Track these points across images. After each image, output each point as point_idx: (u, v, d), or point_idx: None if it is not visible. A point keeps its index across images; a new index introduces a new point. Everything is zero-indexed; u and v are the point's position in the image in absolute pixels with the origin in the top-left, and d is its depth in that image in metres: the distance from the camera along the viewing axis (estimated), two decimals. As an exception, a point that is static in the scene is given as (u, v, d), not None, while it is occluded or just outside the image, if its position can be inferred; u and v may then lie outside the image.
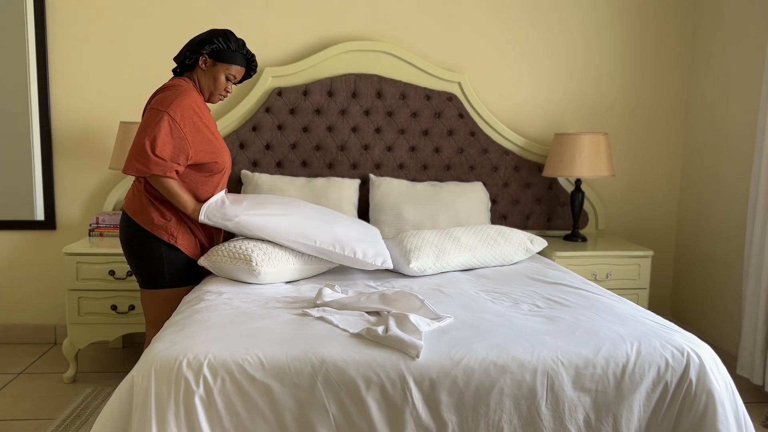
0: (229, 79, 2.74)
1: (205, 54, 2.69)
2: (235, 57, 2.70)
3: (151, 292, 2.73)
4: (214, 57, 2.69)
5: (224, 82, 2.73)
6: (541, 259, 3.19)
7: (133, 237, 2.70)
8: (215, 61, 2.70)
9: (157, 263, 2.67)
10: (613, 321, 2.20)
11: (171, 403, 1.84)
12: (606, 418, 1.95)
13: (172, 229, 2.67)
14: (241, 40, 2.74)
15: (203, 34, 2.71)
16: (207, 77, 2.72)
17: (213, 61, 2.70)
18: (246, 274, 2.59)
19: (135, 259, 2.72)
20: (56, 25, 3.70)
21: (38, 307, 3.89)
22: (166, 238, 2.66)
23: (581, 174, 3.57)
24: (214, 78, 2.72)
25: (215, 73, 2.71)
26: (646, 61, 3.98)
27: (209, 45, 2.67)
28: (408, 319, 2.09)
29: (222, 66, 2.70)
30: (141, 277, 2.74)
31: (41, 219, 3.81)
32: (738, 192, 3.56)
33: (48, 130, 3.75)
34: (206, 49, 2.67)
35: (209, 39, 2.67)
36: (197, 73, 2.73)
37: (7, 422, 2.91)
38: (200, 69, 2.72)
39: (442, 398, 1.89)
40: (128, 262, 2.78)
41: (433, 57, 3.86)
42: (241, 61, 2.72)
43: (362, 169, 3.77)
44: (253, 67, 2.81)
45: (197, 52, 2.68)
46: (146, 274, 2.71)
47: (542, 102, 3.96)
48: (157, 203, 2.67)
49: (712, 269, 3.79)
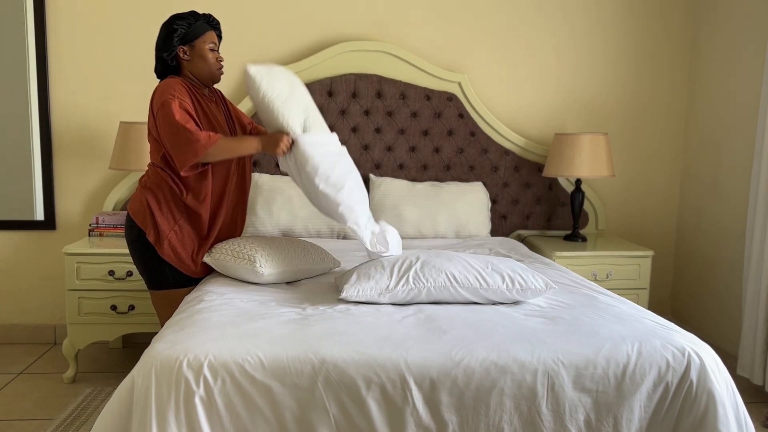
0: (213, 49, 2.67)
1: (179, 44, 2.63)
2: (201, 27, 2.64)
3: (158, 292, 2.74)
4: (187, 40, 2.63)
5: (212, 54, 2.66)
6: (541, 259, 3.19)
7: (137, 238, 2.70)
8: (191, 42, 2.64)
9: (160, 264, 2.68)
10: (614, 321, 2.20)
11: (171, 403, 1.84)
12: (606, 419, 1.95)
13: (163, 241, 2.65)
14: (191, 11, 2.67)
15: (161, 32, 2.65)
16: (196, 62, 2.66)
17: (190, 45, 2.64)
18: (249, 273, 2.60)
19: (139, 259, 2.73)
20: (56, 25, 3.70)
21: (38, 307, 3.89)
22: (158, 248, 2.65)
23: (581, 174, 3.57)
24: (203, 57, 2.65)
25: (200, 52, 2.64)
26: (646, 61, 3.98)
27: (174, 34, 2.61)
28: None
29: (199, 41, 2.64)
30: (147, 277, 2.75)
31: (41, 219, 3.81)
32: (738, 192, 3.56)
33: (48, 130, 3.75)
34: (176, 40, 2.62)
35: (169, 31, 2.62)
36: (186, 67, 2.67)
37: (7, 422, 2.91)
38: (186, 61, 2.66)
39: (443, 398, 1.89)
40: (134, 263, 2.79)
41: (433, 57, 3.86)
42: (206, 27, 2.66)
43: (362, 169, 3.76)
44: (217, 26, 2.72)
45: (170, 47, 2.63)
46: (151, 274, 2.72)
47: (542, 102, 3.96)
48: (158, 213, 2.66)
49: (712, 269, 3.79)
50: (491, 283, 2.37)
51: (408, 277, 2.36)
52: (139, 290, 3.30)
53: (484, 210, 3.69)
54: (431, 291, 2.35)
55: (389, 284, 2.36)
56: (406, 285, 2.35)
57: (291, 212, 3.49)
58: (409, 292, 2.35)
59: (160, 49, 2.66)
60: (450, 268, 2.38)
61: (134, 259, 2.77)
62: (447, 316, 2.23)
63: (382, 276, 2.38)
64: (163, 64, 2.68)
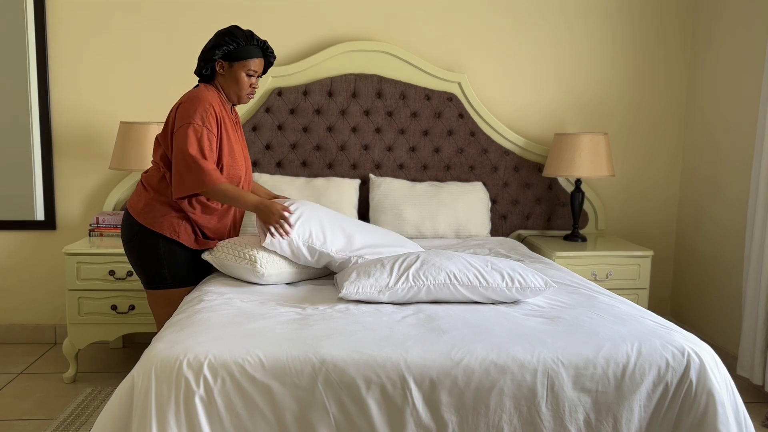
0: (250, 75, 2.67)
1: (219, 59, 2.64)
2: (248, 51, 2.63)
3: (154, 292, 2.74)
4: (229, 58, 2.64)
5: (246, 79, 2.67)
6: (541, 259, 3.19)
7: (134, 237, 2.70)
8: (231, 62, 2.64)
9: (157, 264, 2.68)
10: (614, 321, 2.20)
11: (171, 403, 1.84)
12: (606, 419, 1.95)
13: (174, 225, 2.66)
14: (248, 31, 2.66)
15: (211, 40, 2.67)
16: (228, 81, 2.67)
17: (229, 63, 2.65)
18: (249, 273, 2.60)
19: (136, 259, 2.73)
20: (56, 25, 3.70)
21: (38, 307, 3.89)
22: (169, 233, 2.65)
23: (581, 174, 3.57)
24: (236, 79, 2.66)
25: (235, 74, 2.66)
26: (646, 61, 3.98)
27: (219, 49, 2.62)
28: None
29: (239, 64, 2.64)
30: (144, 277, 2.75)
31: (41, 219, 3.81)
32: (738, 192, 3.56)
33: (48, 130, 3.75)
34: (218, 54, 2.62)
35: (217, 43, 2.63)
36: (219, 80, 2.69)
37: (7, 422, 2.91)
38: (220, 75, 2.68)
39: (443, 398, 1.89)
40: (130, 262, 2.79)
41: (433, 57, 3.86)
42: (256, 53, 2.65)
43: (362, 169, 3.77)
44: (270, 53, 2.72)
45: (210, 59, 2.64)
46: (148, 274, 2.72)
47: (542, 102, 3.96)
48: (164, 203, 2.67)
49: (711, 269, 3.79)
50: (491, 282, 2.37)
51: (408, 275, 2.36)
52: (139, 290, 3.30)
53: (484, 210, 3.69)
54: (431, 289, 2.36)
55: (389, 282, 2.36)
56: (406, 283, 2.35)
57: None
58: (409, 290, 2.35)
59: (202, 57, 2.67)
60: (450, 267, 2.39)
61: (130, 258, 2.76)
62: (447, 316, 2.23)
63: (382, 274, 2.39)
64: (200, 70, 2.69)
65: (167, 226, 2.66)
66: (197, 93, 2.63)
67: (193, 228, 2.72)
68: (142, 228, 2.68)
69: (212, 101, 2.62)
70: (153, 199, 2.68)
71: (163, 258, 2.68)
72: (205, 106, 2.57)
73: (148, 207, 2.68)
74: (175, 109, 2.64)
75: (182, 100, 2.64)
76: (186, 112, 2.56)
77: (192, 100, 2.60)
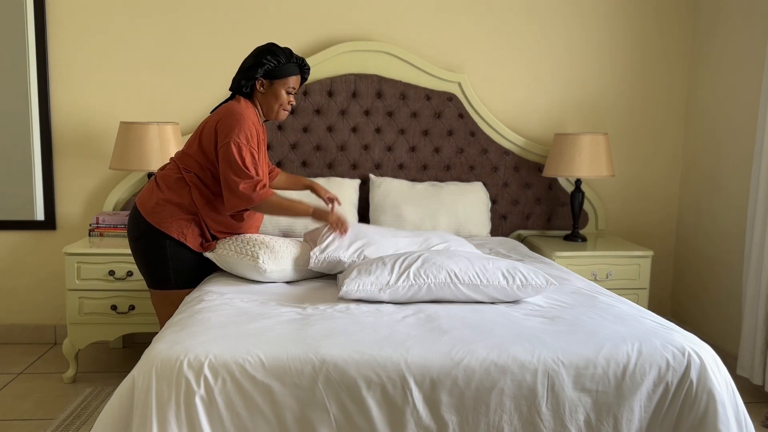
0: (289, 92, 2.71)
1: (259, 77, 2.67)
2: (288, 69, 2.67)
3: (158, 292, 2.74)
4: (269, 77, 2.66)
5: (286, 96, 2.71)
6: (541, 259, 3.19)
7: (141, 235, 2.70)
8: (271, 80, 2.67)
9: (163, 264, 2.68)
10: (614, 321, 2.20)
11: (172, 403, 1.84)
12: (606, 419, 1.95)
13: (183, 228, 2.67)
14: (287, 49, 2.70)
15: (250, 58, 2.67)
16: (268, 98, 2.70)
17: (269, 81, 2.67)
18: (251, 270, 2.60)
19: (142, 258, 2.73)
20: (56, 25, 3.70)
21: (38, 307, 3.88)
22: (176, 235, 2.66)
23: (581, 174, 3.57)
24: (275, 96, 2.69)
25: (275, 92, 2.69)
26: (646, 61, 3.98)
27: (261, 67, 2.64)
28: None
29: (279, 82, 2.67)
30: (148, 277, 2.75)
31: (41, 219, 3.81)
32: (738, 191, 3.56)
33: (48, 130, 3.75)
34: (260, 73, 2.65)
35: (258, 61, 2.64)
36: (257, 97, 2.71)
37: (7, 422, 2.91)
38: (260, 93, 2.70)
39: (443, 398, 1.90)
40: (135, 260, 2.79)
41: (433, 57, 3.86)
42: (295, 71, 2.69)
43: (362, 169, 3.77)
44: (307, 70, 2.75)
45: (252, 78, 2.66)
46: (153, 274, 2.72)
47: (542, 102, 3.96)
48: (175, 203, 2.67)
49: (712, 269, 3.80)
50: (492, 280, 2.37)
51: (409, 273, 2.36)
52: (139, 290, 3.30)
53: (484, 210, 3.69)
54: (431, 288, 2.36)
55: (390, 280, 2.36)
56: (407, 281, 2.35)
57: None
58: (409, 288, 2.35)
59: (243, 72, 2.68)
60: (450, 265, 2.39)
61: (136, 256, 2.76)
62: (447, 315, 2.23)
63: (383, 272, 2.39)
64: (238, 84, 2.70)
65: (175, 228, 2.67)
66: (239, 110, 2.62)
67: (201, 231, 2.73)
68: (149, 227, 2.68)
69: (253, 119, 2.65)
70: (165, 200, 2.67)
71: (169, 259, 2.68)
72: (249, 124, 2.60)
73: (158, 207, 2.67)
74: (214, 122, 2.64)
75: (223, 114, 2.63)
76: (230, 128, 2.57)
77: (235, 116, 2.60)
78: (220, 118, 2.62)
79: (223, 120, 2.61)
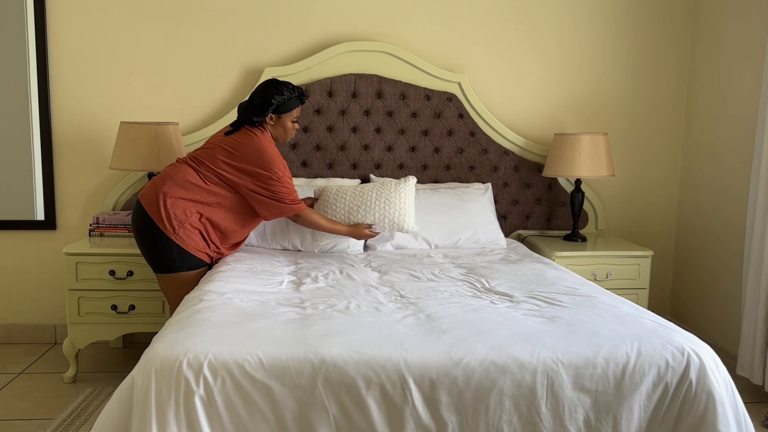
0: (294, 121, 3.02)
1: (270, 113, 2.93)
2: (292, 103, 2.96)
3: (165, 276, 2.89)
4: (277, 112, 2.94)
5: (291, 125, 3.02)
6: (540, 259, 3.19)
7: (145, 226, 2.86)
8: (279, 114, 2.95)
9: (167, 250, 2.83)
10: (613, 321, 2.20)
11: (171, 403, 1.85)
12: (606, 419, 1.95)
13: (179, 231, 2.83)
14: (288, 83, 2.95)
15: (259, 96, 2.90)
16: (276, 129, 2.99)
17: (278, 116, 2.96)
18: None
19: (146, 245, 2.88)
20: (56, 25, 3.70)
21: (38, 307, 3.89)
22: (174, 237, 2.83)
23: (581, 174, 3.57)
24: (284, 127, 3.00)
25: (283, 123, 2.99)
26: (646, 61, 3.98)
27: (270, 106, 2.90)
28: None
29: (286, 115, 2.98)
30: (154, 263, 2.89)
31: (41, 219, 3.81)
32: (738, 192, 3.56)
33: (48, 131, 3.75)
34: (270, 110, 2.91)
35: (267, 101, 2.89)
36: (266, 127, 2.97)
37: (7, 422, 2.91)
38: (269, 125, 2.97)
39: (442, 398, 1.90)
40: (140, 249, 2.95)
41: (433, 57, 3.86)
42: (297, 103, 2.98)
43: (362, 169, 3.77)
44: (306, 98, 3.07)
45: (263, 114, 2.91)
46: (157, 260, 2.87)
47: (542, 102, 3.96)
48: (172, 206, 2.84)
49: (711, 269, 3.80)
50: None
51: None
52: (139, 290, 3.31)
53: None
54: None
55: None
56: None
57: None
58: None
59: (254, 109, 2.91)
60: None
61: (140, 245, 2.92)
62: (447, 315, 2.24)
63: None
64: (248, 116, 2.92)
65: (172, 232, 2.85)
66: (264, 144, 2.88)
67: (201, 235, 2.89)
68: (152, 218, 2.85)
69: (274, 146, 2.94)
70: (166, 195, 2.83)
71: (173, 244, 2.83)
72: (276, 156, 2.90)
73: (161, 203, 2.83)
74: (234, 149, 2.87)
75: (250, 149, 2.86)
76: (264, 164, 2.85)
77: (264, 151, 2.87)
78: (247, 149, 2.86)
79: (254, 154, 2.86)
